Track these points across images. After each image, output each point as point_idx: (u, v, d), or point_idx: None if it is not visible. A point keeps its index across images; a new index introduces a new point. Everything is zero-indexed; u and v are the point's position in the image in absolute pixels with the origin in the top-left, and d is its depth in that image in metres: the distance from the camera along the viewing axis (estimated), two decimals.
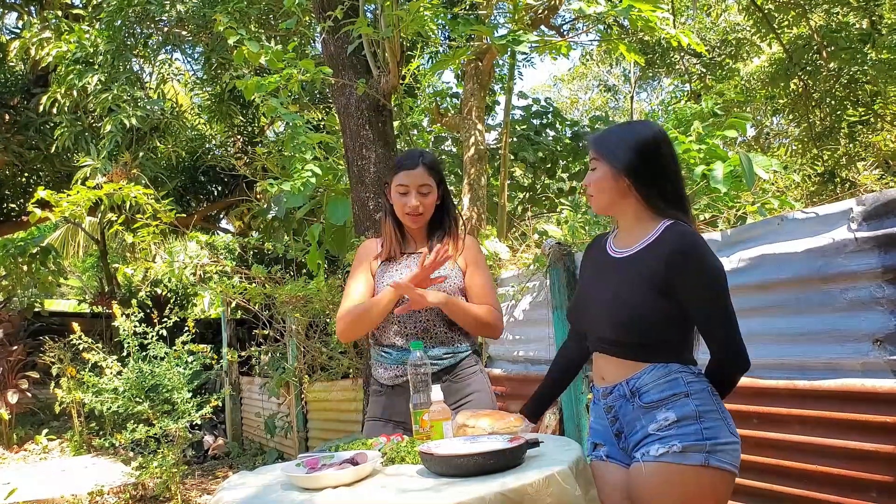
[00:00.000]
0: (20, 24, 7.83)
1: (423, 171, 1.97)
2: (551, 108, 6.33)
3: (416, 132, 6.52)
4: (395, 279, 1.95)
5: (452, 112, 5.82)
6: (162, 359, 4.53)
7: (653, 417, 1.49)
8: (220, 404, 5.97)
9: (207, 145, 9.23)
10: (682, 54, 8.31)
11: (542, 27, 5.57)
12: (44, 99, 5.95)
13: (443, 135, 6.59)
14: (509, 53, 4.81)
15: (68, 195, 4.24)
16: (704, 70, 8.90)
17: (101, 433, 7.33)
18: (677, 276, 1.48)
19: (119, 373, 4.47)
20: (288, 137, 3.45)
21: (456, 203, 4.70)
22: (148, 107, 5.82)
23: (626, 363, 1.54)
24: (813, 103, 7.71)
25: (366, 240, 2.22)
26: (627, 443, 1.56)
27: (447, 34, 5.85)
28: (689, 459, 1.43)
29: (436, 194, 2.00)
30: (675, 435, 1.46)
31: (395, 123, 4.93)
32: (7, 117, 7.71)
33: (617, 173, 1.56)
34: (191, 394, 4.58)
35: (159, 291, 10.94)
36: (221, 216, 10.90)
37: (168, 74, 6.85)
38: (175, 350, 4.60)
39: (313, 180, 3.25)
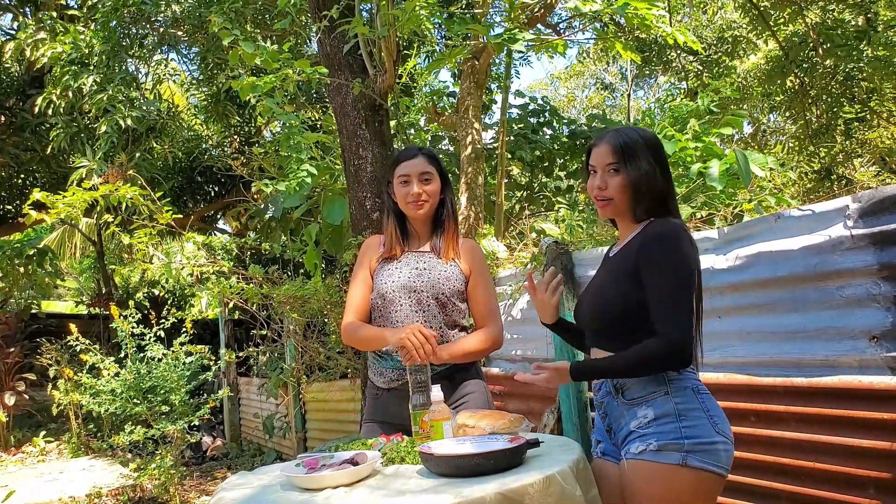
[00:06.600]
0: (15, 25, 7.81)
1: (423, 160, 1.98)
2: (548, 107, 6.32)
3: (412, 131, 6.51)
4: (394, 277, 1.95)
5: (449, 111, 5.82)
6: (160, 360, 4.52)
7: (634, 414, 1.51)
8: (219, 405, 5.98)
9: (204, 146, 9.22)
10: (679, 52, 8.32)
11: (539, 25, 5.57)
12: (39, 100, 5.92)
13: (440, 134, 6.59)
14: (506, 52, 4.81)
15: (64, 196, 4.23)
16: (701, 68, 8.90)
17: (98, 435, 7.32)
18: (643, 256, 1.50)
19: (116, 374, 4.46)
20: (284, 137, 3.45)
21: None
22: (144, 107, 5.81)
23: None
24: (809, 100, 7.72)
25: (367, 238, 2.21)
26: (616, 439, 1.58)
27: (443, 33, 5.85)
28: (665, 458, 1.43)
29: (438, 183, 2.00)
30: (654, 433, 1.46)
31: (392, 123, 4.93)
32: (3, 119, 7.69)
33: (638, 180, 1.57)
34: (189, 395, 4.57)
35: (157, 292, 10.94)
36: (218, 216, 10.88)
37: (164, 75, 6.83)
38: (173, 351, 4.59)
39: (309, 180, 3.24)
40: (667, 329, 1.43)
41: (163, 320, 4.67)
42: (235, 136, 8.86)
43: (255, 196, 6.53)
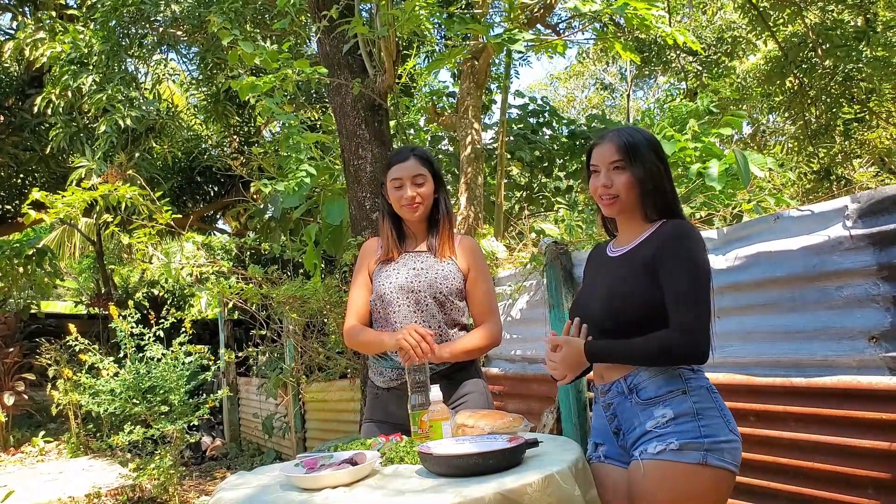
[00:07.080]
0: (14, 24, 7.81)
1: (416, 162, 1.98)
2: (548, 107, 6.32)
3: (412, 132, 6.52)
4: (392, 278, 1.96)
5: (449, 111, 5.82)
6: (159, 360, 4.52)
7: (650, 414, 1.50)
8: (218, 405, 5.98)
9: (203, 145, 9.22)
10: (678, 52, 8.32)
11: (538, 26, 5.57)
12: (38, 100, 5.92)
13: (439, 134, 6.59)
14: (505, 52, 4.81)
15: (63, 196, 4.22)
16: (700, 68, 8.91)
17: (98, 435, 7.32)
18: (662, 254, 1.51)
19: (116, 374, 4.46)
20: (283, 137, 3.45)
21: (453, 203, 4.72)
22: (143, 107, 5.80)
23: None
24: (808, 101, 7.72)
25: (367, 239, 2.22)
26: (626, 440, 1.56)
27: (443, 33, 5.85)
28: (686, 457, 1.43)
29: (432, 185, 2.00)
30: (673, 432, 1.45)
31: (392, 123, 4.93)
32: (2, 118, 7.69)
33: (644, 177, 1.57)
34: (188, 395, 4.57)
35: (156, 292, 10.94)
36: (218, 216, 10.89)
37: (163, 75, 6.82)
38: (172, 351, 4.59)
39: (308, 180, 3.24)
40: (687, 323, 1.44)
41: (162, 320, 4.66)
42: (235, 136, 8.85)
43: (255, 196, 6.52)
